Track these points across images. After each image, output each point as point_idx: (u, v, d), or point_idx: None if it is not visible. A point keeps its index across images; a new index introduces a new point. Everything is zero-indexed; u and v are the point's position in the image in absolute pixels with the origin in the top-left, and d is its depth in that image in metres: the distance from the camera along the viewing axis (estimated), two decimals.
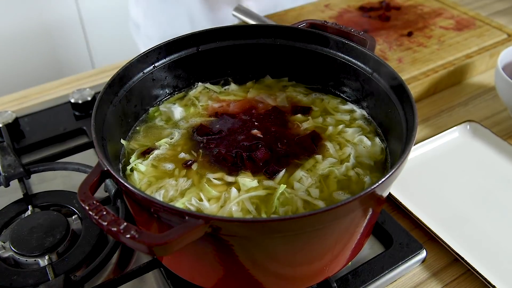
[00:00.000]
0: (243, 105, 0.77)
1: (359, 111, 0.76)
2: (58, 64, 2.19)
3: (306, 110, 0.76)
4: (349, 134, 0.71)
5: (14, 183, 0.83)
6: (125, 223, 0.48)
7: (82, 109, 1.02)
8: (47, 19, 2.08)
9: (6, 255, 0.72)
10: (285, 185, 0.61)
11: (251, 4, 1.41)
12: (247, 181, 0.63)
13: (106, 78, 1.15)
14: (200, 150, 0.69)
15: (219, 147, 0.68)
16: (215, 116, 0.75)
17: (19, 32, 2.05)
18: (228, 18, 1.40)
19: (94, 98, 1.02)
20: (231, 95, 0.80)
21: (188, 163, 0.66)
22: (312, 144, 0.68)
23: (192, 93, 0.80)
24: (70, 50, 2.21)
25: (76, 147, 0.92)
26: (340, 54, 0.75)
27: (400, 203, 0.80)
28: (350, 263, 0.66)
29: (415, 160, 0.88)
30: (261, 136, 0.70)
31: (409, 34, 1.19)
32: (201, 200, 0.61)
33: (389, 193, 0.78)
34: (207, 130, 0.72)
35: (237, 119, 0.74)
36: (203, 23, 1.45)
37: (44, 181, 0.87)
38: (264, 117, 0.74)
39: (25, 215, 0.78)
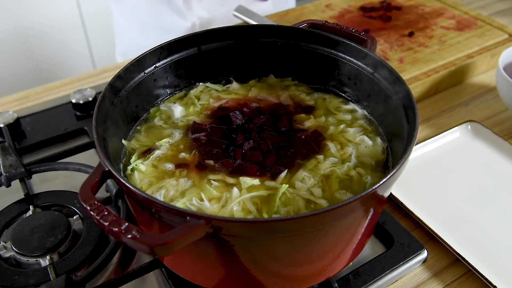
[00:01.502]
0: (244, 103, 0.77)
1: (360, 111, 0.76)
2: (59, 64, 2.19)
3: (309, 110, 0.76)
4: (350, 134, 0.71)
5: (16, 183, 0.83)
6: (126, 223, 0.48)
7: (83, 109, 1.02)
8: (48, 19, 2.08)
9: (7, 255, 0.72)
10: (287, 185, 0.61)
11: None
12: (248, 179, 0.63)
13: (107, 78, 1.15)
14: (200, 151, 0.68)
15: (218, 146, 0.68)
16: (215, 114, 0.75)
17: (20, 32, 2.05)
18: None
19: (95, 98, 1.02)
20: (233, 93, 0.80)
21: (188, 164, 0.66)
22: (314, 144, 0.68)
23: (193, 92, 0.80)
24: (71, 50, 2.21)
25: (77, 147, 0.92)
26: (341, 54, 0.75)
27: (401, 203, 0.80)
28: (351, 263, 0.66)
29: (416, 160, 0.88)
30: (262, 135, 0.70)
31: (410, 34, 1.19)
32: (202, 200, 0.61)
33: (390, 193, 0.78)
34: (201, 129, 0.72)
35: (237, 117, 0.73)
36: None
37: (45, 181, 0.87)
38: (265, 116, 0.74)
39: (26, 215, 0.78)
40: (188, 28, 1.46)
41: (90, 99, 1.02)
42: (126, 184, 0.51)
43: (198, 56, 0.78)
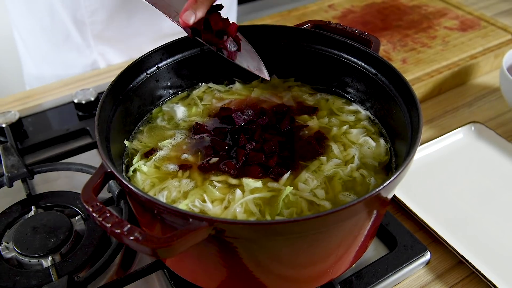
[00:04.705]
0: (247, 104, 0.77)
1: (363, 112, 0.75)
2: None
3: (312, 110, 0.75)
4: (353, 135, 0.71)
5: (18, 183, 0.83)
6: (128, 225, 0.48)
7: (85, 109, 1.02)
8: None
9: (9, 255, 0.72)
10: (291, 187, 0.61)
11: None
12: (251, 181, 0.62)
13: (109, 78, 1.14)
14: (203, 152, 0.68)
15: (220, 147, 0.68)
16: (218, 115, 0.75)
17: None
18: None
19: (97, 98, 1.02)
20: (235, 94, 0.79)
21: (190, 165, 0.66)
22: (317, 145, 0.68)
23: (196, 92, 0.80)
24: None
25: (80, 147, 0.92)
26: (344, 55, 0.75)
27: (404, 204, 0.80)
28: (354, 265, 0.66)
29: (419, 162, 0.88)
30: (265, 137, 0.70)
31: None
32: (204, 201, 0.61)
33: (393, 194, 0.78)
34: (203, 129, 0.71)
35: (240, 118, 0.73)
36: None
37: (48, 182, 0.87)
38: (268, 117, 0.73)
39: (29, 216, 0.78)
40: (89, 64, 1.25)
41: (92, 99, 1.02)
42: (128, 185, 0.51)
43: (200, 56, 0.77)
